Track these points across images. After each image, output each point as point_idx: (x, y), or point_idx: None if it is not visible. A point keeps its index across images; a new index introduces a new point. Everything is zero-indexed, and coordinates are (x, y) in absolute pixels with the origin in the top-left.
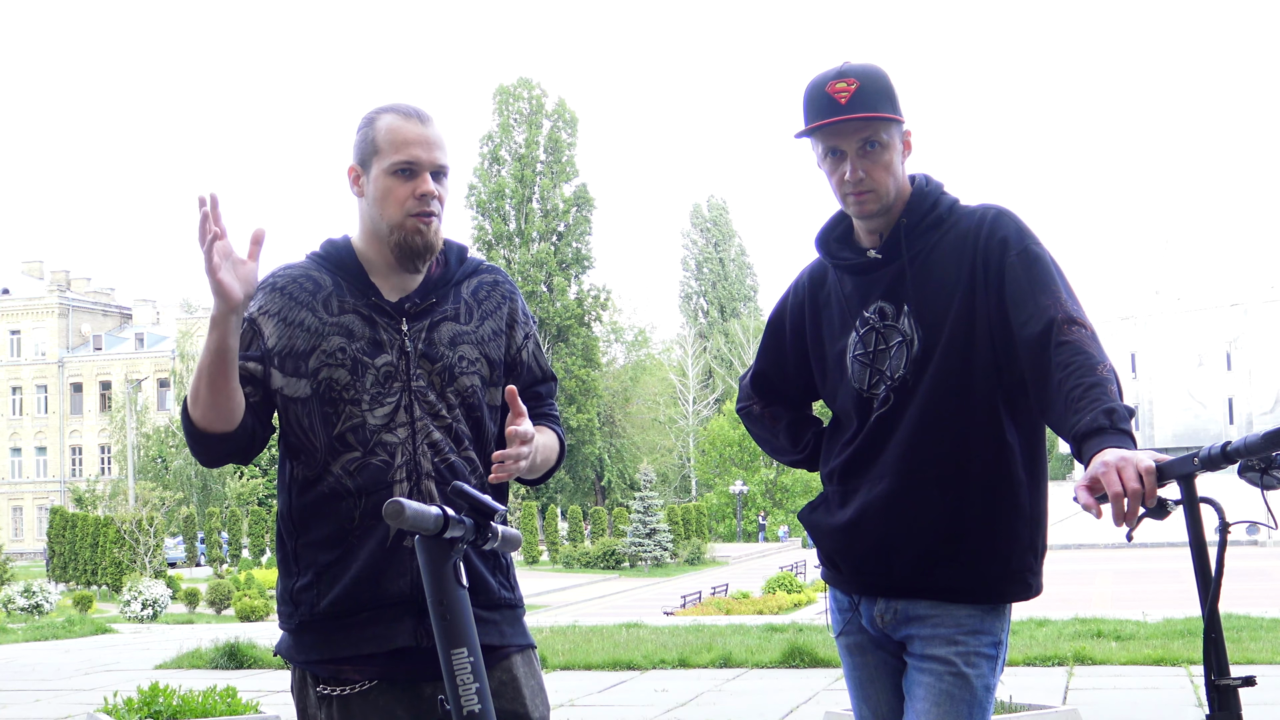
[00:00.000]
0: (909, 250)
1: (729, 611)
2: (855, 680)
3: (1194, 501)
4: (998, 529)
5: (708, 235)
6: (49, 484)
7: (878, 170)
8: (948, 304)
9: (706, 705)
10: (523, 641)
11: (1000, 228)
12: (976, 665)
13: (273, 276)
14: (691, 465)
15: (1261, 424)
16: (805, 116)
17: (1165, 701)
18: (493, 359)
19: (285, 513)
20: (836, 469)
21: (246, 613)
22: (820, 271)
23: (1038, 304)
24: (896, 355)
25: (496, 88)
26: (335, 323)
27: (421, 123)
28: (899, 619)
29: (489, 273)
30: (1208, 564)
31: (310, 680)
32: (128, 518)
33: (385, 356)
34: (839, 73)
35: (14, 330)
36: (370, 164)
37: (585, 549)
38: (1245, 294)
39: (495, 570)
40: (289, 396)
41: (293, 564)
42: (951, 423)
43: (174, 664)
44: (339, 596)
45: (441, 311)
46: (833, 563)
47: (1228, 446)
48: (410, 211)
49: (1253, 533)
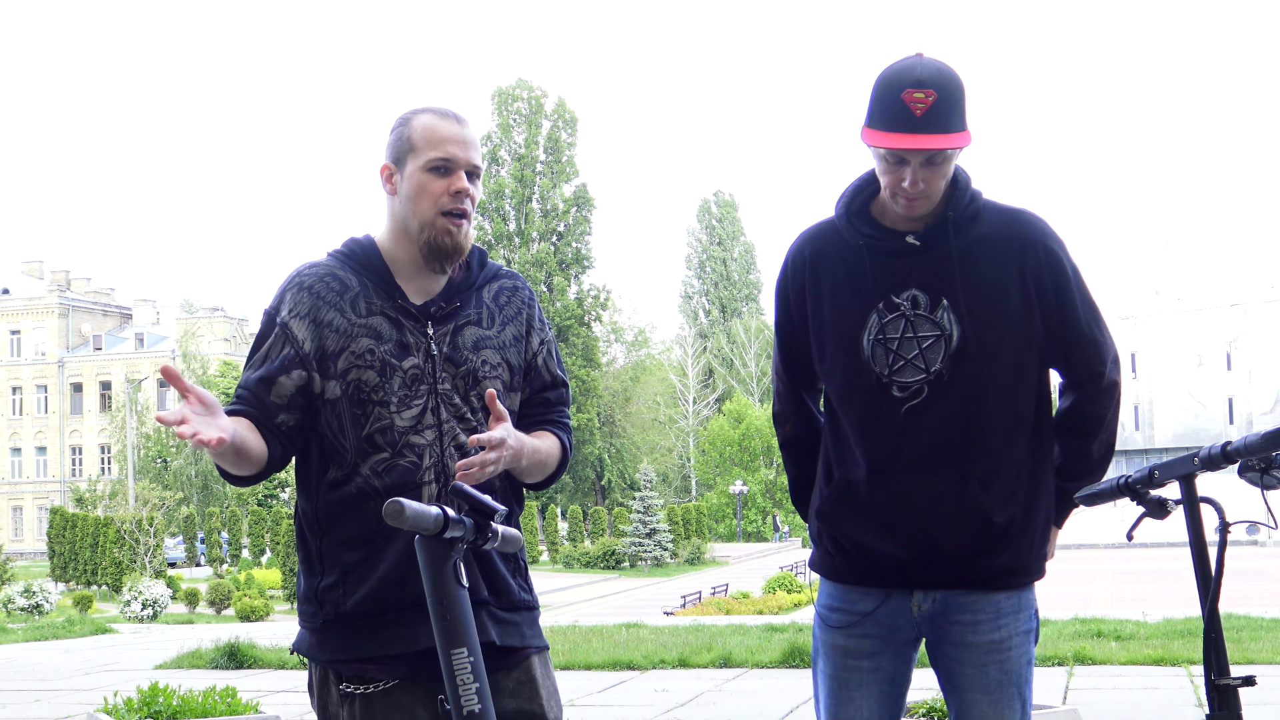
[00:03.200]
0: (953, 243)
1: (729, 611)
2: (840, 682)
3: (1194, 501)
4: (1032, 520)
5: (713, 233)
6: (49, 484)
7: (937, 180)
8: (995, 305)
9: (706, 705)
10: (540, 643)
11: (1052, 240)
12: (1021, 646)
13: (299, 275)
14: (691, 465)
15: (1261, 424)
16: (876, 118)
17: (1165, 701)
18: (513, 364)
19: (310, 512)
20: (865, 461)
21: (246, 613)
22: (823, 239)
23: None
24: (931, 348)
25: (495, 89)
26: (363, 324)
27: (458, 123)
28: (938, 608)
29: (509, 278)
30: (1208, 564)
31: (333, 679)
32: (128, 518)
33: (412, 359)
34: (916, 79)
35: (14, 330)
36: (405, 161)
37: (585, 549)
38: (1245, 294)
39: (515, 572)
40: (322, 398)
41: (317, 563)
42: (994, 421)
43: (174, 664)
44: (365, 596)
45: (465, 316)
46: (856, 558)
47: (1228, 446)
48: (443, 209)
49: (1253, 533)
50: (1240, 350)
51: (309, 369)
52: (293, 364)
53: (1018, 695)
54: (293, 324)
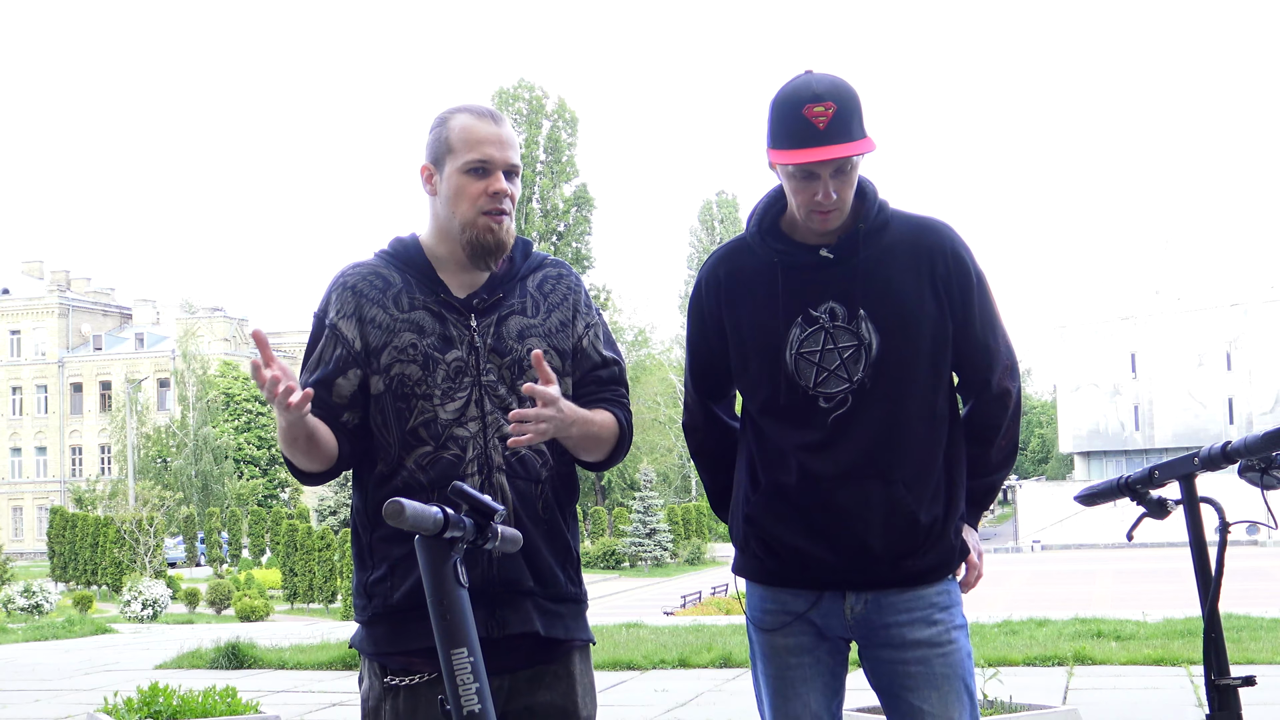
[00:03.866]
0: (865, 254)
1: (729, 611)
2: (785, 680)
3: (1194, 501)
4: (951, 516)
5: (714, 233)
6: (49, 484)
7: (846, 189)
8: (910, 312)
9: (706, 705)
10: (584, 637)
11: (959, 247)
12: (959, 639)
13: (343, 275)
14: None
15: (1261, 424)
16: (780, 138)
17: (1165, 701)
18: (561, 350)
19: (361, 507)
20: (796, 468)
21: (246, 613)
22: (737, 257)
23: (994, 337)
24: (852, 358)
25: (496, 89)
26: (406, 319)
27: (495, 123)
28: (870, 609)
29: (554, 266)
30: (1208, 564)
31: (377, 671)
32: (128, 518)
33: (455, 352)
34: (813, 94)
35: (14, 330)
36: (444, 163)
37: (585, 549)
38: (1245, 294)
39: (566, 564)
40: (368, 393)
41: (368, 557)
42: (915, 425)
43: (174, 664)
44: (412, 589)
45: (509, 306)
46: (788, 561)
47: (1228, 446)
48: (483, 209)
49: (1253, 533)
50: (1240, 350)
51: (362, 366)
52: (347, 364)
53: (964, 688)
54: (341, 324)
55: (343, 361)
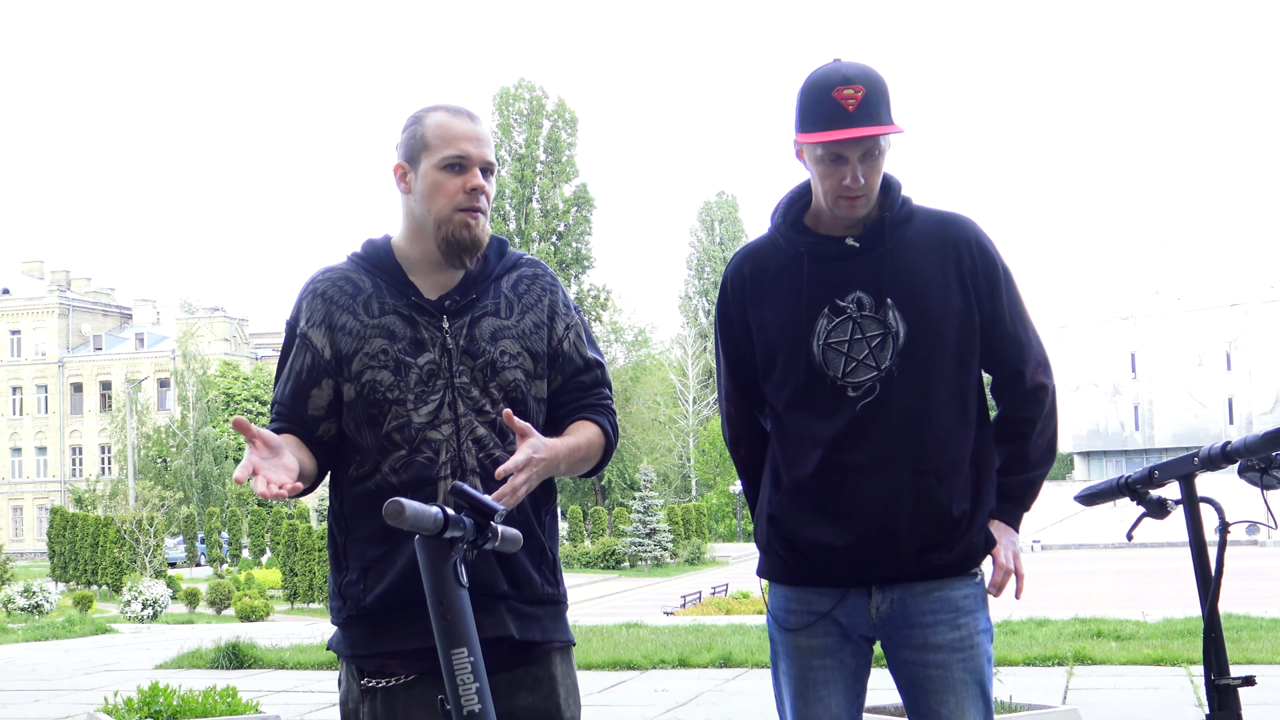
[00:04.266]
0: (891, 244)
1: (729, 611)
2: (807, 682)
3: (1194, 501)
4: (980, 511)
5: (713, 234)
6: (49, 484)
7: (874, 175)
8: (934, 302)
9: (706, 705)
10: (564, 638)
11: (984, 239)
12: (982, 645)
13: (313, 282)
14: (691, 465)
15: (1261, 424)
16: (809, 120)
17: (1165, 701)
18: (535, 352)
19: (337, 510)
20: (818, 459)
21: (246, 613)
22: (762, 255)
23: (1024, 329)
24: (880, 346)
25: (498, 89)
26: (376, 325)
27: (470, 120)
28: (896, 609)
29: (529, 265)
30: (1208, 564)
31: (354, 673)
32: (128, 518)
33: (428, 355)
34: (844, 77)
35: (14, 330)
36: (419, 160)
37: (585, 549)
38: (1245, 294)
39: (541, 565)
40: (341, 400)
41: (343, 559)
42: (944, 415)
43: (174, 664)
44: (385, 591)
45: (482, 307)
46: (811, 559)
47: (1228, 446)
48: (459, 206)
49: (1253, 533)
50: (1240, 350)
51: (334, 375)
52: (320, 373)
53: (981, 694)
54: (311, 333)
55: (315, 371)
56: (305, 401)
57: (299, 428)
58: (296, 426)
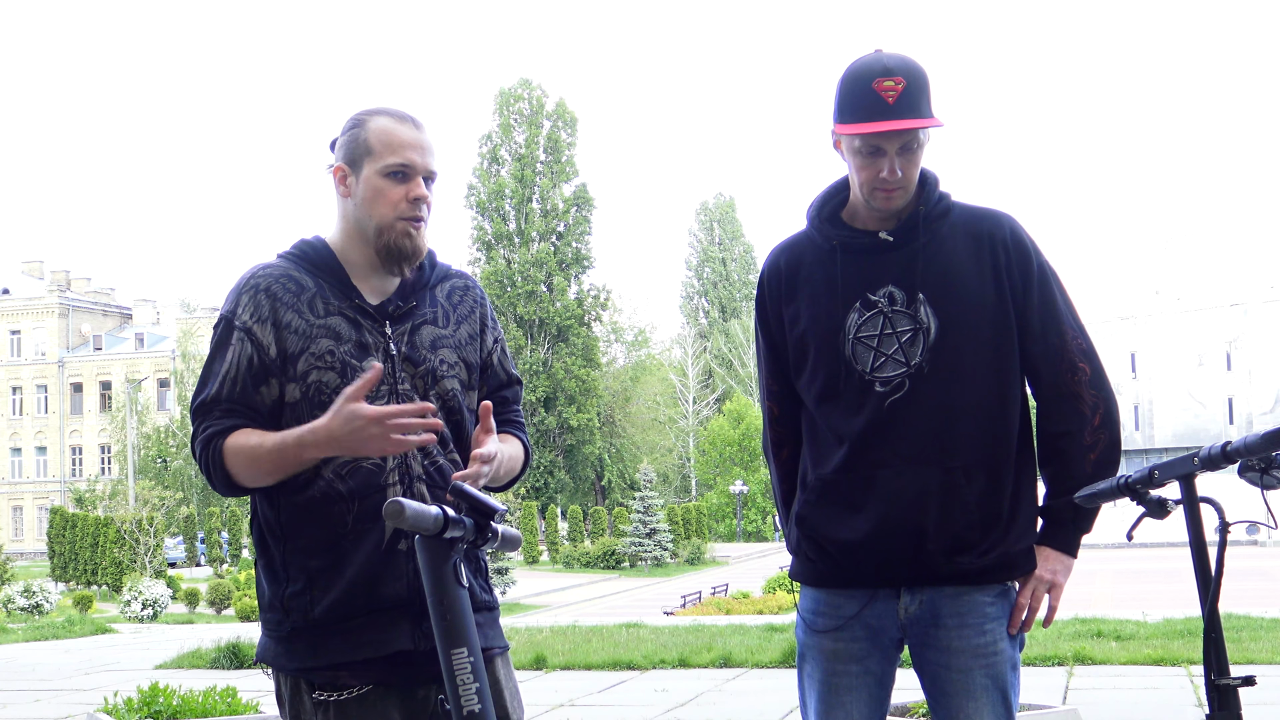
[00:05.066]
0: (925, 237)
1: (729, 611)
2: (831, 687)
3: (1194, 501)
4: (1017, 516)
5: (712, 234)
6: (49, 484)
7: (912, 168)
8: (968, 298)
9: (706, 705)
10: (501, 644)
11: (1021, 236)
12: (1007, 652)
13: (254, 278)
14: (691, 465)
15: (1261, 424)
16: (848, 111)
17: (1165, 701)
18: (470, 362)
19: (271, 518)
20: (842, 458)
21: (246, 613)
22: (798, 249)
23: (1055, 332)
24: (910, 342)
25: (498, 89)
26: (322, 325)
27: (415, 127)
28: (924, 611)
29: (459, 277)
30: (1208, 564)
31: (305, 687)
32: (128, 518)
33: (371, 360)
34: (884, 69)
35: (14, 330)
36: (361, 164)
37: (585, 549)
38: (1245, 294)
39: (475, 573)
40: (281, 401)
41: (280, 570)
42: (974, 414)
43: (174, 664)
44: (335, 602)
45: (421, 315)
46: (839, 560)
47: (1228, 446)
48: (402, 214)
49: (1253, 533)
50: (1240, 350)
51: (278, 375)
52: (266, 371)
53: (1002, 701)
54: (255, 329)
55: (261, 370)
56: (253, 399)
57: (258, 423)
58: (255, 421)
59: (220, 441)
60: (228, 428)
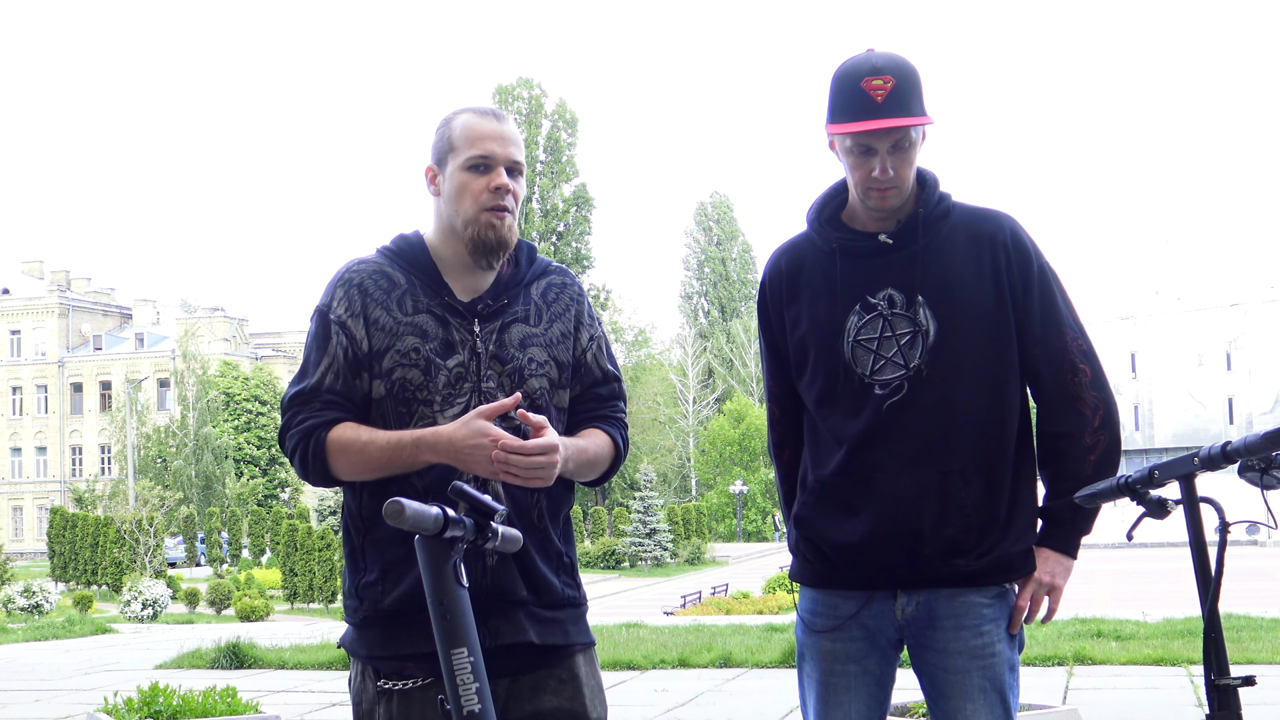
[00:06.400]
0: (924, 239)
1: (729, 611)
2: (829, 687)
3: (1194, 501)
4: (1015, 519)
5: (710, 234)
6: (49, 484)
7: (905, 167)
8: (967, 300)
9: (706, 705)
10: (585, 640)
11: (1021, 237)
12: (1005, 653)
13: (348, 271)
14: (691, 465)
15: (1261, 424)
16: (839, 111)
17: (1165, 701)
18: (561, 361)
19: (355, 509)
20: (841, 460)
21: (246, 613)
22: (798, 250)
23: (1055, 333)
24: (909, 345)
25: (496, 87)
26: (410, 322)
27: (497, 120)
28: (921, 611)
29: (558, 274)
30: (1208, 564)
31: (371, 675)
32: (128, 518)
33: (457, 357)
34: (873, 68)
35: (14, 330)
36: (446, 161)
37: (585, 549)
38: (1245, 294)
39: (560, 570)
40: (368, 397)
41: (360, 559)
42: (973, 417)
43: (174, 664)
44: (404, 594)
45: (512, 313)
46: (837, 562)
47: (1228, 446)
48: (485, 205)
49: (1253, 533)
50: (1240, 350)
51: (367, 369)
52: (359, 364)
53: (1001, 703)
54: (350, 323)
55: (357, 363)
56: (353, 391)
57: (351, 416)
58: (349, 415)
59: (323, 434)
60: (330, 420)
